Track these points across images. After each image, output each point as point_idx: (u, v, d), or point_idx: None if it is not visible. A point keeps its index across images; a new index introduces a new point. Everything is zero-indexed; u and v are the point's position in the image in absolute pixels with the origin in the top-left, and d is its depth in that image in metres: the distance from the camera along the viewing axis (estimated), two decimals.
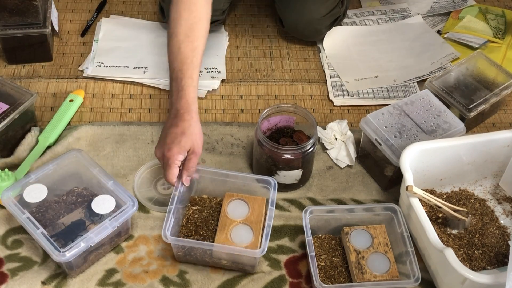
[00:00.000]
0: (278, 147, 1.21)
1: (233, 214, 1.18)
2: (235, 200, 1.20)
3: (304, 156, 1.22)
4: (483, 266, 1.15)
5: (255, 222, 1.16)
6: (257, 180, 1.20)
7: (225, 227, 1.15)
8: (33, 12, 1.44)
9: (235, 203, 1.20)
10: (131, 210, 1.12)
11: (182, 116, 1.16)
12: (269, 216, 1.12)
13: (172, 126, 1.16)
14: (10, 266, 1.14)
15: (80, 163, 1.19)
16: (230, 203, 1.20)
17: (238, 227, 1.16)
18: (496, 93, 1.39)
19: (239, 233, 1.15)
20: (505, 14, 1.73)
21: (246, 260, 1.13)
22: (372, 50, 1.64)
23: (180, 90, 1.19)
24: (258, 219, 1.17)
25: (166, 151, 1.14)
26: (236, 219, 1.16)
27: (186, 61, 1.21)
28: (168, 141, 1.14)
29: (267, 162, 1.24)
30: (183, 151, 1.14)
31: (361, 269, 1.11)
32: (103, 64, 1.53)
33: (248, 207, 1.19)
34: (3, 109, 1.27)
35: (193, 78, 1.21)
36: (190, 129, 1.15)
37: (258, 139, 1.23)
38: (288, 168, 1.24)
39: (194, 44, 1.23)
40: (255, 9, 1.75)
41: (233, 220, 1.16)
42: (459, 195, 1.27)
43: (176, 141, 1.14)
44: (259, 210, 1.18)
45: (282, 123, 1.32)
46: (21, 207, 1.10)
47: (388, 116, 1.29)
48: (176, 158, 1.13)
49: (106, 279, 1.13)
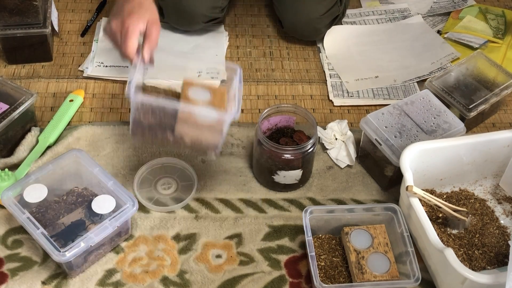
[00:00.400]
0: (278, 147, 1.21)
1: (194, 97, 1.05)
2: (195, 88, 1.05)
3: (304, 156, 1.22)
4: (483, 266, 1.15)
5: (219, 106, 1.02)
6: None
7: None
8: (33, 12, 1.44)
9: (195, 90, 1.05)
10: (131, 210, 1.12)
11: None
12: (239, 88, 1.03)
13: (126, 0, 1.07)
14: (10, 266, 1.14)
15: (80, 163, 1.19)
16: (190, 90, 1.05)
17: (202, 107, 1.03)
18: (496, 93, 1.39)
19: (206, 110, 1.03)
20: (505, 14, 1.73)
21: (209, 137, 1.02)
22: (372, 50, 1.64)
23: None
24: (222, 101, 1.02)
25: (125, 19, 1.04)
26: (199, 101, 1.02)
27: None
28: (126, 12, 1.05)
29: (267, 162, 1.24)
30: (143, 19, 1.05)
31: (361, 269, 1.11)
32: (103, 64, 1.53)
33: (209, 93, 1.05)
34: (3, 109, 1.27)
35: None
36: (147, 1, 1.07)
37: (258, 139, 1.23)
38: (288, 168, 1.24)
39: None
40: (255, 9, 1.75)
41: (196, 101, 1.02)
42: (459, 195, 1.27)
43: (135, 10, 1.05)
44: (221, 97, 1.04)
45: (282, 123, 1.32)
46: (21, 207, 1.10)
47: (388, 116, 1.29)
48: (136, 26, 1.04)
49: (106, 279, 1.13)
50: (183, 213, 1.24)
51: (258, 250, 1.19)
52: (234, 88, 1.10)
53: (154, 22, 1.06)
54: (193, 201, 1.27)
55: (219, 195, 1.28)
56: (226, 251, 1.19)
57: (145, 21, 1.06)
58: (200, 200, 1.27)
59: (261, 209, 1.26)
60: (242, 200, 1.27)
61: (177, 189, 1.28)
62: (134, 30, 1.03)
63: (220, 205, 1.26)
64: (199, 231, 1.22)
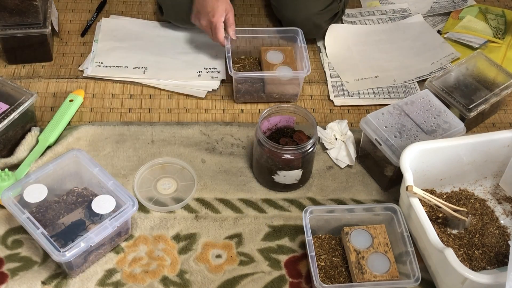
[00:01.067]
0: (278, 147, 1.21)
1: (271, 60, 1.48)
2: (270, 51, 1.49)
3: (304, 156, 1.22)
4: (483, 266, 1.15)
5: (291, 63, 1.47)
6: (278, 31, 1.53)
7: (269, 68, 1.46)
8: (33, 12, 1.44)
9: (271, 53, 1.49)
10: (131, 210, 1.12)
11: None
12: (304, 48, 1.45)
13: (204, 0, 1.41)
14: (10, 266, 1.14)
15: (80, 163, 1.19)
16: (267, 54, 1.49)
17: (280, 68, 1.46)
18: (496, 93, 1.39)
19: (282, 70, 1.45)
20: (505, 14, 1.73)
21: (290, 90, 1.46)
22: (373, 50, 1.64)
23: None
24: (292, 59, 1.48)
25: (211, 17, 1.41)
26: (276, 63, 1.46)
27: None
28: (209, 9, 1.41)
29: (267, 162, 1.24)
30: (223, 13, 1.41)
31: (361, 269, 1.11)
32: (103, 64, 1.53)
33: (282, 54, 1.49)
34: (3, 109, 1.27)
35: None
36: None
37: (258, 139, 1.23)
38: (288, 168, 1.24)
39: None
40: (255, 9, 1.75)
41: (273, 64, 1.46)
42: (459, 195, 1.27)
43: (215, 6, 1.40)
44: (291, 55, 1.50)
45: (282, 123, 1.32)
46: (21, 207, 1.10)
47: (388, 116, 1.29)
48: (221, 21, 1.41)
49: (106, 279, 1.13)
50: (183, 213, 1.24)
51: (258, 250, 1.19)
52: (299, 47, 1.48)
53: (229, 10, 1.43)
54: (193, 201, 1.27)
55: (219, 195, 1.28)
56: (226, 251, 1.19)
57: (224, 13, 1.42)
58: (200, 200, 1.27)
59: (261, 209, 1.26)
60: (242, 200, 1.27)
61: (177, 189, 1.28)
62: (220, 24, 1.42)
63: (220, 205, 1.26)
64: (199, 231, 1.22)
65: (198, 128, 1.40)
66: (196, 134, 1.39)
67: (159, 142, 1.37)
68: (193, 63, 1.55)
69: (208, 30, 1.45)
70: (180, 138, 1.38)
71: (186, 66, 1.54)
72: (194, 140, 1.38)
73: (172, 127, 1.40)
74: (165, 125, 1.41)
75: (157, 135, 1.38)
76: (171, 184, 1.29)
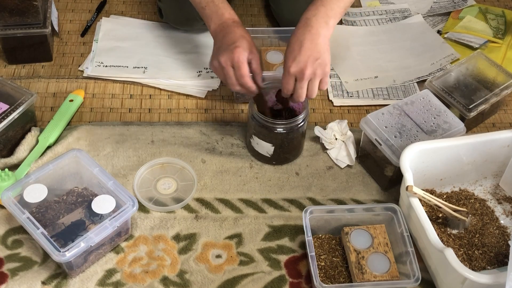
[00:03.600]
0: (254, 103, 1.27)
1: (271, 60, 1.46)
2: (270, 52, 1.47)
3: (271, 131, 1.26)
4: (483, 266, 1.15)
5: None
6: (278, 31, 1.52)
7: (269, 68, 1.43)
8: (33, 12, 1.44)
9: (270, 53, 1.47)
10: (131, 210, 1.12)
11: (231, 26, 1.23)
12: None
13: (226, 35, 1.21)
14: (10, 266, 1.14)
15: (80, 163, 1.19)
16: (267, 54, 1.47)
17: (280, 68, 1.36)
18: (496, 93, 1.39)
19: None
20: (505, 14, 1.73)
21: None
22: (372, 50, 1.64)
23: (219, 8, 1.26)
24: None
25: (233, 53, 1.17)
26: (276, 63, 1.43)
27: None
28: (231, 46, 1.18)
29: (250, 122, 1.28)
30: (247, 50, 1.18)
31: (361, 269, 1.11)
32: (103, 64, 1.53)
33: (281, 54, 1.46)
34: (3, 109, 1.27)
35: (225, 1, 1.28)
36: (244, 34, 1.21)
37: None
38: (260, 136, 1.28)
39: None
40: (255, 9, 1.75)
41: (273, 64, 1.44)
42: (459, 195, 1.27)
43: (237, 43, 1.18)
44: None
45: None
46: (21, 207, 1.10)
47: (388, 116, 1.29)
48: (244, 56, 1.18)
49: (106, 279, 1.13)
50: (183, 213, 1.24)
51: (258, 250, 1.19)
52: None
53: (254, 53, 1.20)
54: (193, 201, 1.27)
55: (219, 195, 1.28)
56: (226, 251, 1.19)
57: (247, 52, 1.19)
58: (200, 200, 1.27)
59: (261, 209, 1.26)
60: (242, 200, 1.27)
61: (177, 189, 1.28)
62: (244, 61, 1.18)
63: (220, 205, 1.26)
64: (199, 231, 1.22)
65: (198, 128, 1.40)
66: (196, 134, 1.39)
67: (159, 142, 1.37)
68: (193, 63, 1.55)
69: (229, 69, 1.19)
70: (180, 138, 1.38)
71: (186, 66, 1.54)
72: (194, 140, 1.38)
73: (172, 127, 1.40)
74: (165, 125, 1.41)
75: (157, 135, 1.38)
76: (171, 184, 1.29)
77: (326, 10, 1.21)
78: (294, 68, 1.17)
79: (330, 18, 1.21)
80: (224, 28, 1.24)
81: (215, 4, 1.27)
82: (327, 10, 1.21)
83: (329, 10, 1.21)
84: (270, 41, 1.52)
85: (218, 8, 1.27)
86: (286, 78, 1.19)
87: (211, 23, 1.27)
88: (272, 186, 1.31)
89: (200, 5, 1.29)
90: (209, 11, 1.27)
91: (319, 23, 1.20)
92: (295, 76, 1.18)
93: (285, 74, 1.19)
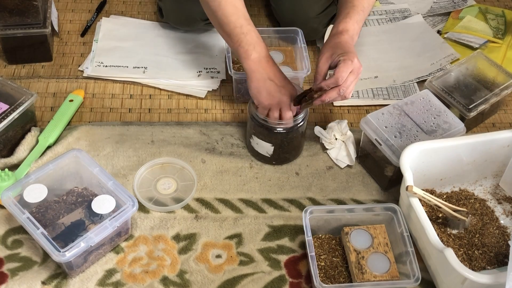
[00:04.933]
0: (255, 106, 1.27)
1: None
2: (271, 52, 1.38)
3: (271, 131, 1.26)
4: (483, 266, 1.15)
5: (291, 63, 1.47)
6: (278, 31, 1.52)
7: None
8: (33, 12, 1.44)
9: (271, 53, 1.39)
10: (131, 210, 1.12)
11: (267, 62, 1.27)
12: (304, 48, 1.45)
13: (267, 78, 1.26)
14: (10, 266, 1.14)
15: (80, 163, 1.19)
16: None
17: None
18: (496, 93, 1.39)
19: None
20: (505, 14, 1.73)
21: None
22: (372, 50, 1.64)
23: (261, 40, 1.27)
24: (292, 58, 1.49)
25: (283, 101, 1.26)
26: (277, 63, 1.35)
27: (245, 15, 1.28)
28: (277, 97, 1.26)
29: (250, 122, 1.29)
30: (290, 99, 1.26)
31: (361, 269, 1.11)
32: (103, 64, 1.53)
33: (282, 54, 1.49)
34: (3, 109, 1.27)
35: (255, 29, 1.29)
36: (284, 80, 1.28)
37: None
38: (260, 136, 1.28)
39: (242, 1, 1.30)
40: (255, 9, 1.75)
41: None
42: (459, 195, 1.28)
43: (282, 91, 1.26)
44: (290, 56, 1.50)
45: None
46: (21, 207, 1.10)
47: (388, 116, 1.29)
48: (288, 108, 1.26)
49: (106, 279, 1.13)
50: (183, 213, 1.25)
51: (258, 250, 1.19)
52: (299, 48, 1.47)
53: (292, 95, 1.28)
54: (193, 201, 1.27)
55: (219, 195, 1.28)
56: (226, 251, 1.19)
57: (289, 99, 1.27)
58: (200, 200, 1.27)
59: (261, 209, 1.26)
60: (242, 200, 1.27)
61: (177, 189, 1.28)
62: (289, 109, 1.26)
63: (220, 205, 1.26)
64: (199, 231, 1.22)
65: (198, 128, 1.40)
66: (196, 134, 1.39)
67: (159, 142, 1.37)
68: (193, 63, 1.55)
69: (275, 112, 1.27)
70: (180, 138, 1.38)
71: (186, 66, 1.54)
72: (194, 140, 1.38)
73: (172, 127, 1.40)
74: (165, 125, 1.41)
75: (157, 135, 1.38)
76: (171, 184, 1.29)
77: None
78: (357, 63, 1.19)
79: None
80: (261, 62, 1.26)
81: (256, 34, 1.27)
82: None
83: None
84: (270, 41, 1.52)
85: (260, 40, 1.27)
86: (348, 66, 1.18)
87: (252, 52, 1.25)
88: (272, 186, 1.31)
89: (240, 29, 1.26)
90: (251, 39, 1.26)
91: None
92: (351, 70, 1.19)
93: (347, 64, 1.18)
